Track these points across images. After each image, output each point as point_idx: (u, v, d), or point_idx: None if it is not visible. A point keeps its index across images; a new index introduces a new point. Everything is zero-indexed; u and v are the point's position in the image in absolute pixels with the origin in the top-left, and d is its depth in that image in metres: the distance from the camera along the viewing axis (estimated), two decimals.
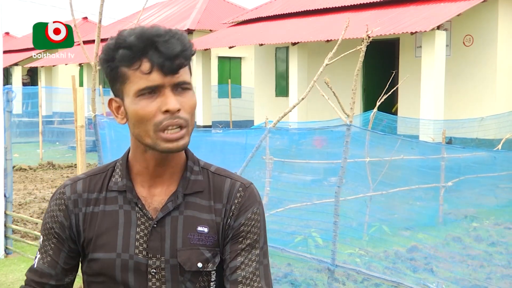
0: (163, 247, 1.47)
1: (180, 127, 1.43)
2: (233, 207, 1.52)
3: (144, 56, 1.40)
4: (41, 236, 1.57)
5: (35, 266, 1.56)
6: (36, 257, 1.58)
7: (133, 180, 1.53)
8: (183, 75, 1.44)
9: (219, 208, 1.52)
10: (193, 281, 1.49)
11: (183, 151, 1.54)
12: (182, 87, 1.44)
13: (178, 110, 1.41)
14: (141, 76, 1.41)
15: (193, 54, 1.46)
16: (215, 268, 1.51)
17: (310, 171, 8.89)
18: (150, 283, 1.47)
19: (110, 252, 1.48)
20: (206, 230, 1.50)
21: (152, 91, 1.41)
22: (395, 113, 13.73)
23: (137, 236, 1.48)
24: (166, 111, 1.41)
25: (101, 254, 1.48)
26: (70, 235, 1.52)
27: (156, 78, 1.40)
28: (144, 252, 1.47)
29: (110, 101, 1.50)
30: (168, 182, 1.52)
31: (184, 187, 1.52)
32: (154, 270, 1.47)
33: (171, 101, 1.40)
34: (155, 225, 1.48)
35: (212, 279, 1.52)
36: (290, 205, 6.73)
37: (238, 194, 1.53)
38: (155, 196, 1.51)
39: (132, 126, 1.46)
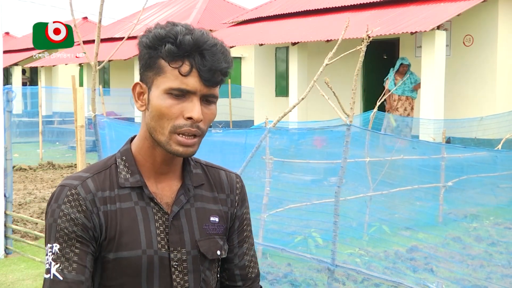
0: (183, 240, 1.51)
1: (195, 135, 1.46)
2: (236, 197, 1.64)
3: (188, 59, 1.41)
4: (56, 244, 1.42)
5: (61, 278, 1.40)
6: (49, 269, 1.42)
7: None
8: (215, 89, 1.46)
9: (223, 199, 1.61)
10: (210, 268, 1.57)
11: None
12: (209, 100, 1.46)
13: (200, 121, 1.44)
14: (178, 76, 1.41)
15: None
16: None
17: (310, 171, 8.88)
18: (174, 276, 1.50)
19: (136, 250, 1.46)
20: (217, 219, 1.58)
21: (182, 94, 1.42)
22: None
23: (158, 231, 1.50)
24: (189, 118, 1.42)
25: (126, 253, 1.46)
26: (94, 236, 1.45)
27: (192, 83, 1.41)
28: (166, 246, 1.50)
29: (136, 84, 1.50)
30: (172, 177, 1.56)
31: (191, 180, 1.57)
32: (176, 263, 1.50)
33: (197, 110, 1.42)
34: (171, 219, 1.51)
35: (219, 264, 1.64)
36: (290, 205, 6.73)
37: (238, 185, 1.66)
38: (164, 191, 1.54)
39: (150, 118, 1.46)
